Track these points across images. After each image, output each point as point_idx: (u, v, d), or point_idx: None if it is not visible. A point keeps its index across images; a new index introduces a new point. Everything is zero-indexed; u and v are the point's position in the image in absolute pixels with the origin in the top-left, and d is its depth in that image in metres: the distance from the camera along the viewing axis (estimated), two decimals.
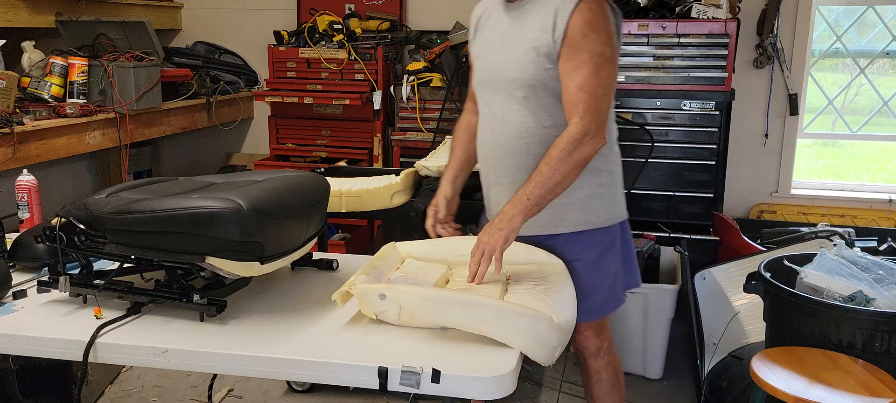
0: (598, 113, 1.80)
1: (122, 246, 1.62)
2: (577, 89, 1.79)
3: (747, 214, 4.20)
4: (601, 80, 1.80)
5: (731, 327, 3.01)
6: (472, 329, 1.50)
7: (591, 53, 1.78)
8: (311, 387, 3.05)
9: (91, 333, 1.53)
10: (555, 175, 1.77)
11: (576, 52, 1.79)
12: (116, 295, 1.68)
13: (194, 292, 1.61)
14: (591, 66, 1.78)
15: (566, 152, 1.77)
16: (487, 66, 1.98)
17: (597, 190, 1.95)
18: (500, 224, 1.75)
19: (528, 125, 1.89)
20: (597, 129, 1.80)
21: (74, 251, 1.68)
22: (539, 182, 1.77)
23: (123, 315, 1.62)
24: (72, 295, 1.71)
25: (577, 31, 1.78)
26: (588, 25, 1.78)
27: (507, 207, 1.78)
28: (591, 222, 1.95)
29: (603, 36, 1.79)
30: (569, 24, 1.78)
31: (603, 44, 1.79)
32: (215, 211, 1.53)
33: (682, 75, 3.58)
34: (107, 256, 1.69)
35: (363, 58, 4.01)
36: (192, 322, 1.61)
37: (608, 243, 1.99)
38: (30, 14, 3.62)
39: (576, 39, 1.79)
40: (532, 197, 1.77)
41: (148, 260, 1.66)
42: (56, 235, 1.64)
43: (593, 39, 1.78)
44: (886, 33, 4.05)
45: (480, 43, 2.02)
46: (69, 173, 4.44)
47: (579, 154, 1.78)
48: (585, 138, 1.78)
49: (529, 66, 1.84)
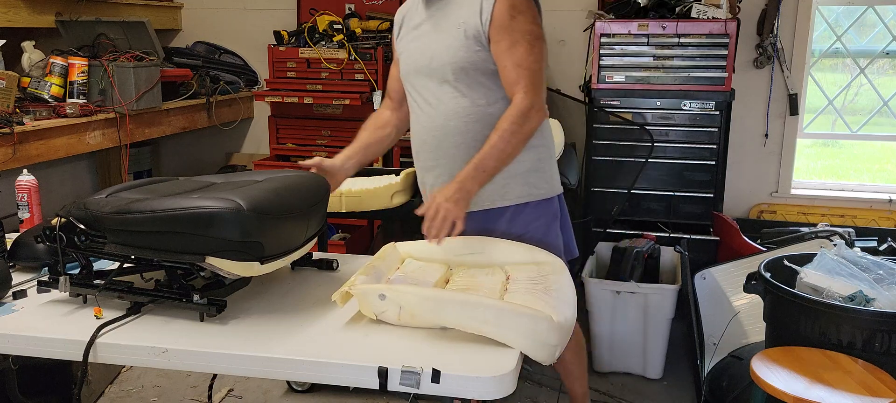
0: (538, 87, 1.92)
1: (122, 246, 1.62)
2: (516, 67, 1.90)
3: (747, 214, 4.20)
4: (535, 56, 1.91)
5: (731, 327, 3.01)
6: (472, 329, 1.50)
7: (521, 33, 1.90)
8: (311, 387, 3.05)
9: (91, 333, 1.53)
10: (506, 147, 1.87)
11: (506, 33, 1.90)
12: (116, 295, 1.68)
13: (194, 292, 1.61)
14: (523, 44, 1.90)
15: (517, 125, 1.88)
16: (417, 56, 2.06)
17: (536, 163, 2.05)
18: (458, 192, 1.81)
19: (463, 105, 1.99)
20: (540, 103, 1.92)
21: (74, 251, 1.68)
22: (493, 153, 1.87)
23: (123, 315, 1.63)
24: (72, 295, 1.71)
25: (504, 14, 1.89)
26: (513, 8, 1.90)
27: (460, 175, 1.84)
28: (533, 194, 2.05)
29: (529, 16, 1.92)
30: (495, 8, 1.90)
31: (530, 23, 1.92)
32: (215, 211, 1.53)
33: (682, 75, 3.58)
34: (107, 256, 1.69)
35: (363, 58, 4.01)
36: (192, 322, 1.61)
37: (552, 214, 2.10)
38: (30, 14, 3.62)
39: (504, 21, 1.90)
40: (487, 167, 1.87)
41: (148, 260, 1.66)
42: (56, 235, 1.64)
43: (521, 20, 1.90)
44: (886, 33, 4.05)
45: (406, 39, 2.12)
46: (69, 173, 4.43)
47: (527, 126, 1.90)
48: (532, 111, 1.90)
49: (460, 49, 1.94)
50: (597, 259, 3.50)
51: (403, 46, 2.14)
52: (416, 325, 1.56)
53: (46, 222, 1.75)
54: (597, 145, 3.73)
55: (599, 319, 3.18)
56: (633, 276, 3.16)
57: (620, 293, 3.12)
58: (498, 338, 1.48)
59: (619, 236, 3.55)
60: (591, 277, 3.22)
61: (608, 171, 3.73)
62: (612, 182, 3.73)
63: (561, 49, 4.25)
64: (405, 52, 2.12)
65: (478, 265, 1.85)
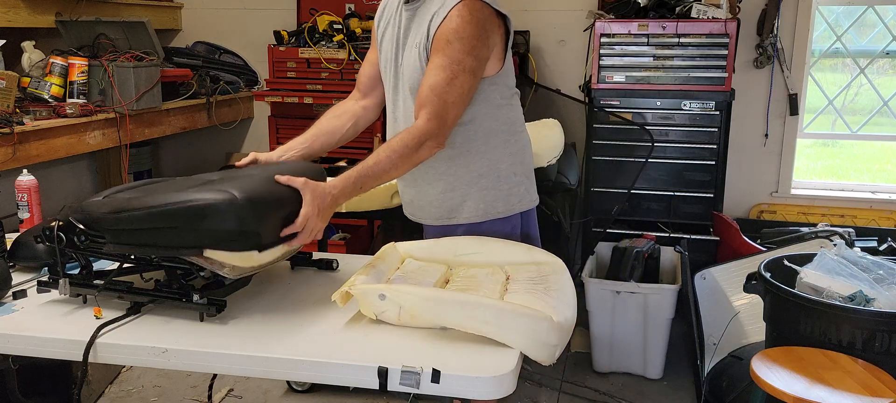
0: (443, 120, 1.81)
1: (121, 245, 1.62)
2: (429, 90, 1.81)
3: (747, 214, 4.20)
4: (453, 88, 1.80)
5: (731, 327, 3.01)
6: (472, 329, 1.50)
7: (451, 60, 1.79)
8: (311, 387, 3.05)
9: (91, 333, 1.53)
10: (390, 167, 1.78)
11: (437, 55, 1.81)
12: (116, 295, 1.68)
13: (194, 292, 1.61)
14: (447, 72, 1.79)
15: (409, 149, 1.78)
16: (384, 62, 2.01)
17: (494, 182, 1.98)
18: (331, 206, 1.71)
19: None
20: (439, 135, 1.81)
21: (74, 251, 1.68)
22: (375, 171, 1.77)
23: (123, 315, 1.63)
24: (71, 295, 1.71)
25: (442, 35, 1.80)
26: (454, 32, 1.79)
27: (337, 186, 1.74)
28: (488, 213, 1.99)
29: (467, 45, 1.79)
30: (439, 27, 1.80)
31: (464, 53, 1.79)
32: (210, 202, 1.53)
33: (682, 75, 3.58)
34: (106, 256, 1.69)
35: (363, 58, 4.01)
36: (192, 322, 1.61)
37: (508, 231, 2.02)
38: (30, 14, 3.62)
39: (440, 43, 1.80)
40: (365, 185, 1.77)
41: (147, 260, 1.66)
42: (55, 235, 1.64)
43: (456, 47, 1.79)
44: (886, 33, 4.05)
45: (382, 38, 2.03)
46: (69, 173, 4.43)
47: (419, 155, 1.81)
48: (427, 141, 1.80)
49: (416, 69, 1.87)
50: (597, 259, 3.50)
51: (379, 46, 2.05)
52: (417, 325, 1.56)
53: (46, 222, 1.75)
54: (597, 145, 3.73)
55: (599, 319, 3.18)
56: (633, 276, 3.16)
57: (620, 293, 3.12)
58: (498, 338, 1.48)
59: (619, 236, 3.55)
60: (591, 277, 3.22)
61: (608, 171, 3.73)
62: (612, 182, 3.73)
63: (561, 49, 4.25)
64: (380, 53, 2.05)
65: (478, 265, 1.85)
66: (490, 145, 1.96)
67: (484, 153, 1.95)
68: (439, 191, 1.99)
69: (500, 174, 1.99)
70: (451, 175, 1.97)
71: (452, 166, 1.96)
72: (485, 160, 1.96)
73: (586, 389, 3.12)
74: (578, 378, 3.20)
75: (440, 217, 2.02)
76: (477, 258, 1.87)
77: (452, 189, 1.97)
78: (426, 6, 1.88)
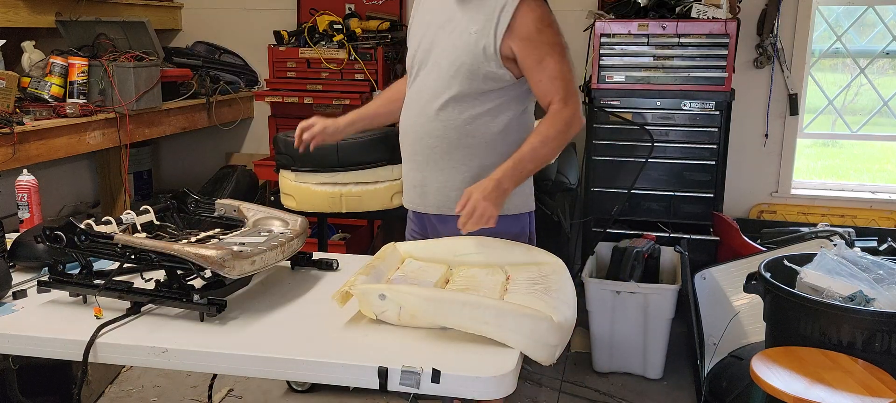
0: (576, 97, 1.93)
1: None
2: (551, 79, 1.90)
3: (747, 214, 4.20)
4: (566, 66, 1.92)
5: (731, 327, 3.01)
6: (473, 329, 1.50)
7: (550, 45, 1.89)
8: (311, 387, 3.05)
9: (91, 333, 1.53)
10: (546, 152, 1.89)
11: (535, 47, 1.89)
12: (116, 295, 1.68)
13: (194, 292, 1.61)
14: (555, 56, 1.90)
15: (560, 132, 1.89)
16: (426, 47, 2.02)
17: None
18: (495, 189, 1.80)
19: (452, 110, 1.96)
20: (577, 109, 1.92)
21: (74, 251, 1.68)
22: (533, 156, 1.87)
23: (123, 315, 1.63)
24: (71, 294, 1.71)
25: (531, 28, 1.88)
26: (540, 21, 1.89)
27: (498, 173, 1.83)
28: (508, 208, 2.00)
29: (555, 28, 1.92)
30: (517, 23, 1.87)
31: (557, 35, 1.92)
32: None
33: (682, 75, 3.58)
34: (106, 256, 1.69)
35: (363, 58, 4.01)
36: (192, 322, 1.61)
37: (518, 231, 2.05)
38: (30, 14, 3.62)
39: (531, 35, 1.88)
40: (525, 169, 1.88)
41: (148, 260, 1.66)
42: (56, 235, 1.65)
43: (548, 33, 1.90)
44: (886, 33, 4.05)
45: (421, 22, 2.06)
46: (69, 173, 4.44)
47: (569, 134, 1.91)
48: (574, 120, 1.91)
49: (467, 54, 1.91)
50: (597, 259, 3.50)
51: (415, 31, 2.08)
52: (417, 325, 1.56)
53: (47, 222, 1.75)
54: (597, 145, 3.73)
55: (599, 319, 3.18)
56: (633, 276, 3.16)
57: (620, 293, 3.12)
58: (498, 339, 1.48)
59: (619, 236, 3.55)
60: (591, 277, 3.22)
61: (608, 171, 3.73)
62: (612, 182, 3.73)
63: None
64: (414, 39, 2.07)
65: (478, 265, 1.85)
66: (514, 140, 1.98)
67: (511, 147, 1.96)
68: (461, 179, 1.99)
69: None
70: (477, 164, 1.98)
71: (479, 155, 1.98)
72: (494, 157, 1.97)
73: (586, 389, 3.12)
74: (578, 378, 3.20)
75: (441, 206, 2.03)
76: (477, 258, 1.87)
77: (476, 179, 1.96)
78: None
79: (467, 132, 1.96)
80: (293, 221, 1.89)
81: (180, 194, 2.02)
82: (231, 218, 1.99)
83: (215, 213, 2.01)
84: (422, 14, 2.07)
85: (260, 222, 1.90)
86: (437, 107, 1.97)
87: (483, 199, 1.78)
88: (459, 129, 1.96)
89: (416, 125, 2.03)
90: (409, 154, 2.09)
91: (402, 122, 2.11)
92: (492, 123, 1.97)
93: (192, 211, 2.01)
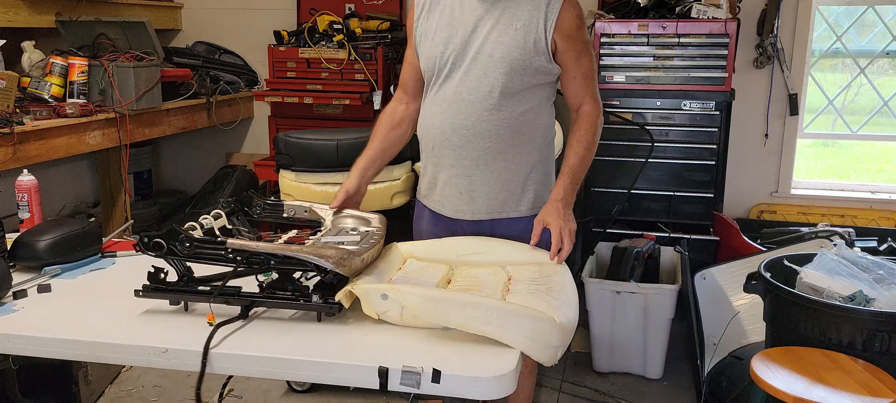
0: (599, 97, 2.04)
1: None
2: (584, 77, 1.98)
3: (747, 214, 4.20)
4: (595, 66, 2.02)
5: (731, 327, 3.01)
6: (475, 329, 1.49)
7: (585, 43, 1.97)
8: (311, 387, 3.05)
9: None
10: (591, 157, 1.98)
11: (575, 43, 1.94)
12: (224, 300, 1.63)
13: (312, 292, 1.59)
14: (587, 54, 1.98)
15: (597, 135, 2.00)
16: (458, 47, 1.95)
17: (543, 177, 2.07)
18: (566, 210, 1.91)
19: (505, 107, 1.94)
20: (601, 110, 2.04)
21: (173, 258, 1.63)
22: (583, 166, 1.97)
23: (234, 318, 1.59)
24: (172, 303, 1.67)
25: (573, 24, 1.92)
26: (579, 18, 1.95)
27: (559, 194, 1.91)
28: (536, 207, 2.03)
29: (585, 27, 1.99)
30: (563, 17, 1.90)
31: (587, 33, 1.99)
32: None
33: (682, 75, 3.58)
34: (215, 262, 1.63)
35: (363, 58, 4.01)
36: (193, 321, 1.61)
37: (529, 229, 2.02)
38: (30, 14, 3.61)
39: (573, 31, 1.93)
40: (578, 180, 1.97)
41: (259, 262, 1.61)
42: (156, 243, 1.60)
43: (584, 31, 1.97)
44: (886, 33, 4.05)
45: (441, 23, 1.99)
46: (69, 173, 4.43)
47: (599, 134, 2.02)
48: (600, 120, 2.01)
49: (516, 50, 1.91)
50: (597, 259, 3.50)
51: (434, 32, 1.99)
52: (419, 325, 1.56)
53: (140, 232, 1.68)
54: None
55: (599, 319, 3.18)
56: (633, 276, 3.16)
57: (620, 293, 3.12)
58: (500, 339, 1.48)
59: (619, 236, 3.55)
60: (591, 277, 3.22)
61: (608, 171, 3.73)
62: (612, 182, 3.73)
63: None
64: (433, 39, 1.99)
65: (480, 265, 1.85)
66: (545, 139, 2.05)
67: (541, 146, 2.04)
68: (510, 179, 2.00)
69: (547, 168, 2.09)
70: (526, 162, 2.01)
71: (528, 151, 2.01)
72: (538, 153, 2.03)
73: (586, 389, 3.12)
74: (578, 378, 3.20)
75: (496, 209, 2.02)
76: (479, 258, 1.87)
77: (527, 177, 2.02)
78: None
79: (519, 129, 1.96)
80: (373, 219, 1.91)
81: (244, 197, 1.98)
82: (300, 218, 1.98)
83: (284, 215, 1.99)
84: (439, 15, 1.99)
85: (335, 221, 1.92)
86: (490, 105, 1.93)
87: (566, 226, 1.85)
88: (512, 127, 1.95)
89: (462, 128, 1.96)
90: (453, 160, 2.00)
91: (437, 130, 2.01)
92: (538, 119, 2.00)
93: (258, 214, 1.98)
